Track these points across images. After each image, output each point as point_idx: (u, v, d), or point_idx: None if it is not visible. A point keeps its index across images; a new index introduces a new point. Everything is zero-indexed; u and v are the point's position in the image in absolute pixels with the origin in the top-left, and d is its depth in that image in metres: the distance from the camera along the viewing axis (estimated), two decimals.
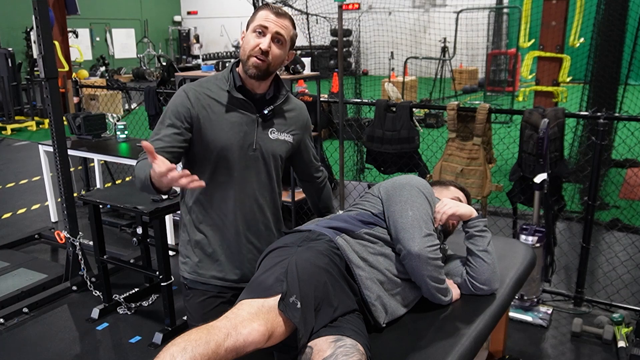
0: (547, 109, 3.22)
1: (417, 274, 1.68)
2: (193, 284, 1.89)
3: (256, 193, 1.84)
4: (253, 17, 1.75)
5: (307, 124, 1.97)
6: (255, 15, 1.75)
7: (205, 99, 1.76)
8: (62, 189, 3.54)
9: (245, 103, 1.78)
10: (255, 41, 1.71)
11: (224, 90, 1.78)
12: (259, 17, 1.73)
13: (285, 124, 1.88)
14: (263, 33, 1.71)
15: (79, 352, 2.98)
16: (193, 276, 1.87)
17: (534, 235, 3.04)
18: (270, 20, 1.71)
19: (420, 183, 1.84)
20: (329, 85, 10.90)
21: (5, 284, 3.63)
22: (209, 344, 1.30)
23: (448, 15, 10.38)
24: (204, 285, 1.87)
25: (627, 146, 4.69)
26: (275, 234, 1.92)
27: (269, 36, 1.71)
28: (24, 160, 7.45)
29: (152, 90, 5.15)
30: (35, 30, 3.25)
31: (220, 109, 1.76)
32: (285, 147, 1.87)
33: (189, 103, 1.75)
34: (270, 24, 1.70)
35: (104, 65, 15.68)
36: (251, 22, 1.74)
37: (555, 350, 2.90)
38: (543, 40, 4.31)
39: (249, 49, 1.72)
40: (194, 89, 1.78)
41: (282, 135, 1.86)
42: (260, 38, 1.71)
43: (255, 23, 1.72)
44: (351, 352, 1.39)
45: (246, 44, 1.74)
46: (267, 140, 1.82)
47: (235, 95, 1.77)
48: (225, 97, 1.78)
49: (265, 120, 1.81)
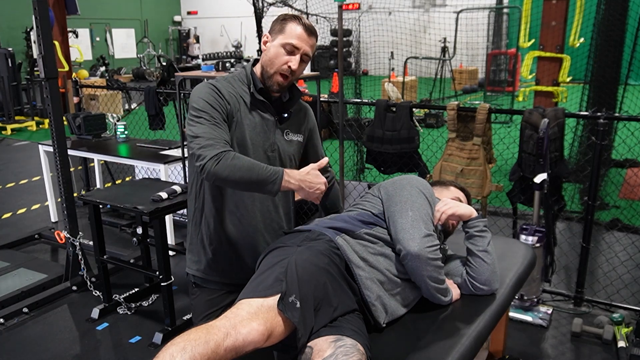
0: (547, 109, 3.22)
1: (416, 274, 1.68)
2: (203, 282, 1.89)
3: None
4: (281, 27, 1.73)
5: (314, 124, 2.01)
6: (284, 26, 1.73)
7: (232, 97, 1.76)
8: (62, 189, 3.54)
9: (266, 105, 1.80)
10: (285, 59, 1.72)
11: (247, 91, 1.79)
12: (291, 32, 1.71)
13: (297, 125, 1.92)
14: (293, 52, 1.72)
15: (79, 352, 2.98)
16: (204, 275, 1.87)
17: (534, 235, 3.04)
18: (301, 39, 1.71)
19: (421, 183, 1.84)
20: (329, 85, 10.89)
21: (5, 284, 3.63)
22: (209, 343, 1.30)
23: (448, 15, 10.37)
24: (215, 283, 1.87)
25: (627, 146, 4.69)
26: (283, 233, 1.92)
27: (298, 56, 1.72)
28: (24, 160, 7.45)
29: (152, 90, 5.15)
30: (35, 30, 3.25)
31: (245, 109, 1.78)
32: (298, 147, 1.92)
33: (224, 100, 1.73)
34: (302, 44, 1.72)
35: (104, 65, 15.67)
36: (278, 33, 1.73)
37: (555, 350, 2.90)
38: (543, 40, 4.31)
39: (277, 64, 1.73)
40: (221, 86, 1.76)
41: (295, 136, 1.90)
42: (289, 56, 1.71)
43: (287, 39, 1.71)
44: (351, 352, 1.39)
45: (275, 58, 1.73)
46: (283, 141, 1.85)
47: (258, 97, 1.78)
48: (248, 98, 1.79)
49: (281, 122, 1.84)
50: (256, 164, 1.61)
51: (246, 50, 17.58)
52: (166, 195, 3.03)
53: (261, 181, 1.59)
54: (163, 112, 5.26)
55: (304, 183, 1.63)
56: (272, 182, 1.59)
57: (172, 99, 5.26)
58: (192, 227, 1.90)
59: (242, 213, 1.82)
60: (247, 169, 1.59)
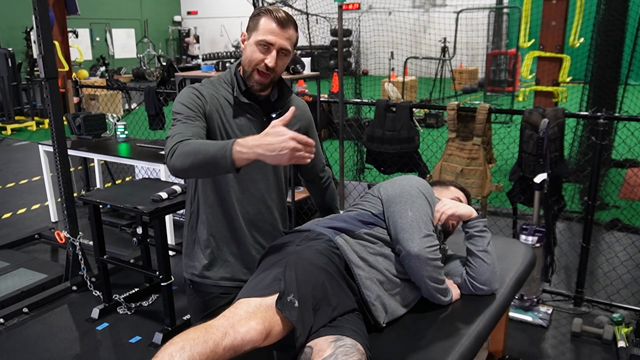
0: (547, 109, 3.22)
1: (416, 274, 1.68)
2: (199, 285, 1.88)
3: (264, 194, 1.83)
4: (255, 23, 1.67)
5: (310, 122, 1.96)
6: (257, 22, 1.66)
7: (215, 101, 1.73)
8: (62, 189, 3.54)
9: (253, 107, 1.76)
10: (260, 56, 1.66)
11: (231, 94, 1.75)
12: (263, 28, 1.64)
13: (290, 124, 1.86)
14: (268, 48, 1.65)
15: (79, 352, 2.98)
16: (200, 279, 1.85)
17: (534, 235, 3.04)
18: (275, 34, 1.64)
19: (420, 183, 1.84)
20: (329, 85, 10.89)
21: (5, 284, 3.63)
22: (207, 342, 1.30)
23: (448, 15, 10.37)
24: (211, 287, 1.86)
25: (627, 146, 4.69)
26: (282, 234, 1.92)
27: (274, 52, 1.65)
28: (24, 160, 7.45)
29: (152, 90, 5.16)
30: (35, 30, 3.25)
31: (229, 113, 1.74)
32: None
33: (203, 99, 1.70)
34: (276, 39, 1.64)
35: (104, 65, 15.68)
36: (253, 30, 1.67)
37: (555, 350, 2.90)
38: (543, 40, 4.31)
39: (253, 62, 1.67)
40: (204, 89, 1.74)
41: None
42: (265, 53, 1.65)
43: (260, 36, 1.64)
44: (351, 352, 1.38)
45: (250, 56, 1.68)
46: None
47: (242, 100, 1.74)
48: (232, 101, 1.75)
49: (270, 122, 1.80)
50: (204, 144, 1.49)
51: None
52: (166, 195, 3.03)
53: (211, 160, 1.44)
54: (163, 112, 5.26)
55: (262, 147, 1.39)
56: (223, 156, 1.41)
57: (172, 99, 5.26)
58: (188, 232, 1.89)
59: (230, 218, 1.80)
60: (195, 152, 1.47)
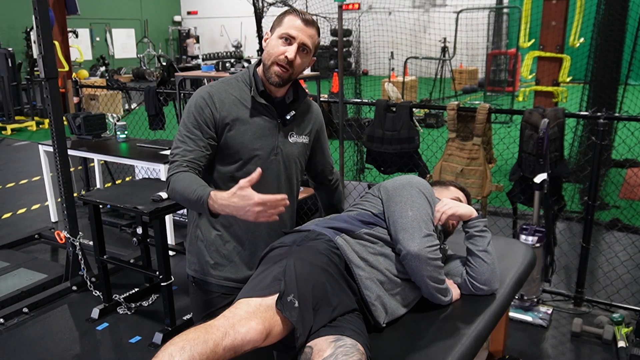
0: (547, 109, 3.22)
1: (416, 274, 1.68)
2: (202, 283, 1.89)
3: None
4: (280, 20, 1.73)
5: (322, 125, 1.98)
6: (282, 19, 1.72)
7: (230, 102, 1.75)
8: (62, 189, 3.54)
9: (268, 108, 1.78)
10: (281, 49, 1.69)
11: (248, 94, 1.77)
12: (286, 23, 1.70)
13: (303, 126, 1.88)
14: (290, 42, 1.69)
15: (79, 352, 2.98)
16: (203, 276, 1.87)
17: (534, 235, 3.04)
18: (298, 29, 1.69)
19: (421, 183, 1.84)
20: (329, 85, 10.90)
21: (5, 284, 3.63)
22: (207, 342, 1.30)
23: (448, 15, 10.38)
24: (214, 285, 1.87)
25: (627, 146, 4.69)
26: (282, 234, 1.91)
27: (295, 45, 1.69)
28: (24, 160, 7.45)
29: (152, 90, 5.16)
30: (35, 30, 3.25)
31: (245, 114, 1.75)
32: (303, 149, 1.89)
33: (214, 107, 1.72)
34: (299, 34, 1.69)
35: (104, 65, 15.69)
36: (277, 26, 1.72)
37: (555, 350, 2.90)
38: (543, 40, 4.31)
39: (274, 54, 1.70)
40: (218, 92, 1.75)
41: (300, 138, 1.87)
42: (286, 46, 1.69)
43: (283, 30, 1.69)
44: (351, 352, 1.38)
45: (271, 49, 1.71)
46: (287, 144, 1.83)
47: (259, 100, 1.76)
48: (249, 102, 1.77)
49: (285, 125, 1.82)
50: (187, 189, 1.59)
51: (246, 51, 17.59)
52: (166, 195, 3.03)
53: (193, 206, 1.60)
54: (163, 112, 5.26)
55: (229, 208, 1.48)
56: (201, 206, 1.54)
57: (172, 99, 5.27)
58: (192, 229, 1.90)
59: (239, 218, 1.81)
60: (180, 193, 1.61)
